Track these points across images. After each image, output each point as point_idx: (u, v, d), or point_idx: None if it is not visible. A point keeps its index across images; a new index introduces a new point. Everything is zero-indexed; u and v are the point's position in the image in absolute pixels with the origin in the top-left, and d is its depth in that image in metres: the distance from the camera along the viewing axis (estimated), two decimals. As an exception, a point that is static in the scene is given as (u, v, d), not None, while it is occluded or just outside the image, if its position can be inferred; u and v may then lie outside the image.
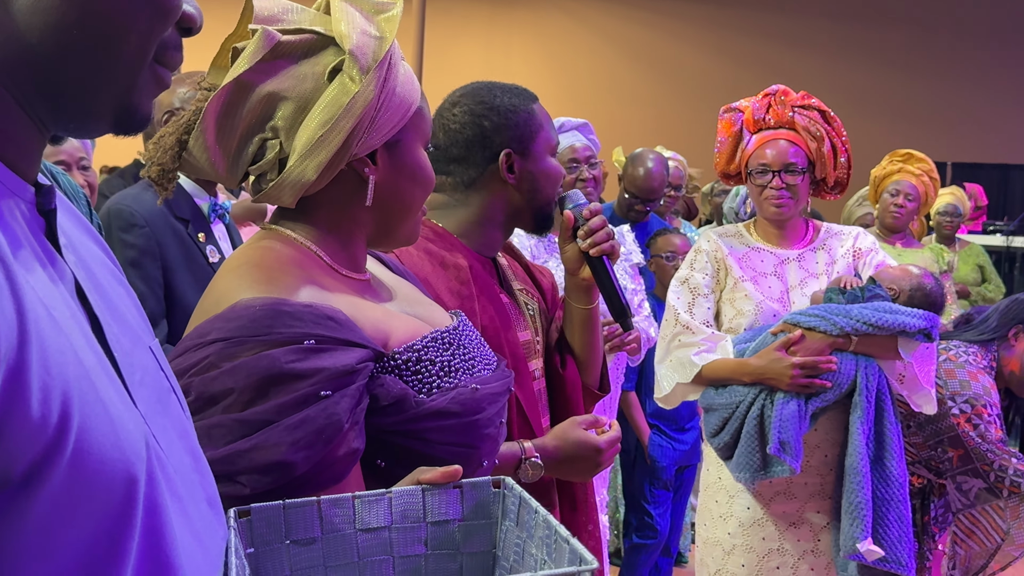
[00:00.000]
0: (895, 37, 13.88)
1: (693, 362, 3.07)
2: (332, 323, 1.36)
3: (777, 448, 2.87)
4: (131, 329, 0.97)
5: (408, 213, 1.58)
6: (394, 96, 1.47)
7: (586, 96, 13.86)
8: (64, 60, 0.83)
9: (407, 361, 1.45)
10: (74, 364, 0.77)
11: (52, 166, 2.49)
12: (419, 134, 1.56)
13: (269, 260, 1.46)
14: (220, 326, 1.33)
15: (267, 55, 1.41)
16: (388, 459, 1.43)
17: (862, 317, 2.92)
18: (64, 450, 0.73)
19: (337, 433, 1.30)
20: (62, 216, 0.95)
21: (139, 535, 0.81)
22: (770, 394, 2.96)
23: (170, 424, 0.97)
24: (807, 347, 2.94)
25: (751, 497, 3.11)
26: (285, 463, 1.25)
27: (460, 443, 1.44)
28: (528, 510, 1.11)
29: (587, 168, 3.92)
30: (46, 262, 0.84)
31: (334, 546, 1.17)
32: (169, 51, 0.91)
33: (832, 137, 3.18)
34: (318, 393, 1.29)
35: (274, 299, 1.36)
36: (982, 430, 3.29)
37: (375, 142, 1.48)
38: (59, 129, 0.89)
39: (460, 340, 1.56)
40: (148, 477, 0.83)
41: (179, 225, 2.97)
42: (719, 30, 14.24)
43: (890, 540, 2.92)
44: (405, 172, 1.55)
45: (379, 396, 1.40)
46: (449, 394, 1.44)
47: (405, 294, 1.67)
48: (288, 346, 1.30)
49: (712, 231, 3.37)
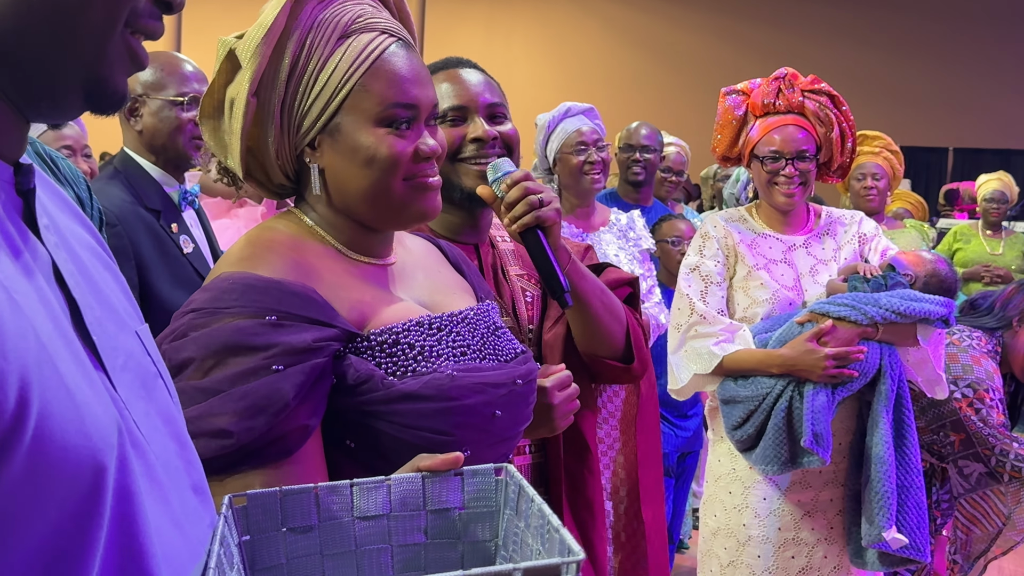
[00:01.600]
0: (896, 22, 13.85)
1: (713, 352, 3.02)
2: (297, 300, 1.38)
3: (811, 440, 2.83)
4: (115, 313, 0.95)
5: (376, 196, 1.51)
6: (306, 82, 1.46)
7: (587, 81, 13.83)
8: (26, 33, 0.81)
9: (383, 343, 1.44)
10: (35, 348, 0.75)
11: (53, 151, 2.46)
12: (362, 114, 1.48)
13: (263, 239, 1.51)
14: (199, 296, 1.41)
15: (226, 63, 1.48)
16: (357, 440, 1.43)
17: (890, 306, 2.90)
18: (23, 436, 0.72)
19: (283, 408, 1.31)
20: (45, 198, 0.93)
21: (108, 523, 0.79)
22: (798, 385, 2.92)
23: (155, 409, 0.95)
24: (838, 337, 2.91)
25: (768, 487, 3.08)
26: (226, 431, 1.28)
27: (432, 429, 1.41)
28: (525, 499, 1.09)
29: (595, 151, 3.90)
30: (17, 243, 0.82)
31: (331, 534, 1.14)
32: (142, 19, 0.88)
33: (840, 122, 3.15)
34: (270, 367, 1.32)
35: (247, 274, 1.41)
36: (984, 414, 3.28)
37: (308, 130, 1.49)
38: (32, 111, 0.86)
39: (457, 327, 1.53)
40: (119, 464, 0.81)
41: (150, 217, 2.89)
42: (720, 15, 14.20)
43: (910, 526, 2.91)
44: (347, 156, 1.50)
45: (346, 375, 1.41)
46: (422, 378, 1.43)
47: (436, 282, 1.67)
48: (250, 319, 1.35)
49: (718, 216, 3.32)
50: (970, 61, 13.72)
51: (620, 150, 4.76)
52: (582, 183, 3.92)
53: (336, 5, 1.48)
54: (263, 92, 1.46)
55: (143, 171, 2.98)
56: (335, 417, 1.42)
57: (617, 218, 4.09)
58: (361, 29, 1.48)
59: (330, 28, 1.46)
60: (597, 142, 3.94)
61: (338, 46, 1.46)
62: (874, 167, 5.10)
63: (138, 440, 0.87)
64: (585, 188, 3.94)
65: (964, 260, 6.82)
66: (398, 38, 1.52)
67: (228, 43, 1.47)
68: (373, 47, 1.48)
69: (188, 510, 0.94)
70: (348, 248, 1.55)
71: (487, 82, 2.09)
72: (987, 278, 6.63)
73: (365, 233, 1.56)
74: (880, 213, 5.23)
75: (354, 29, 1.48)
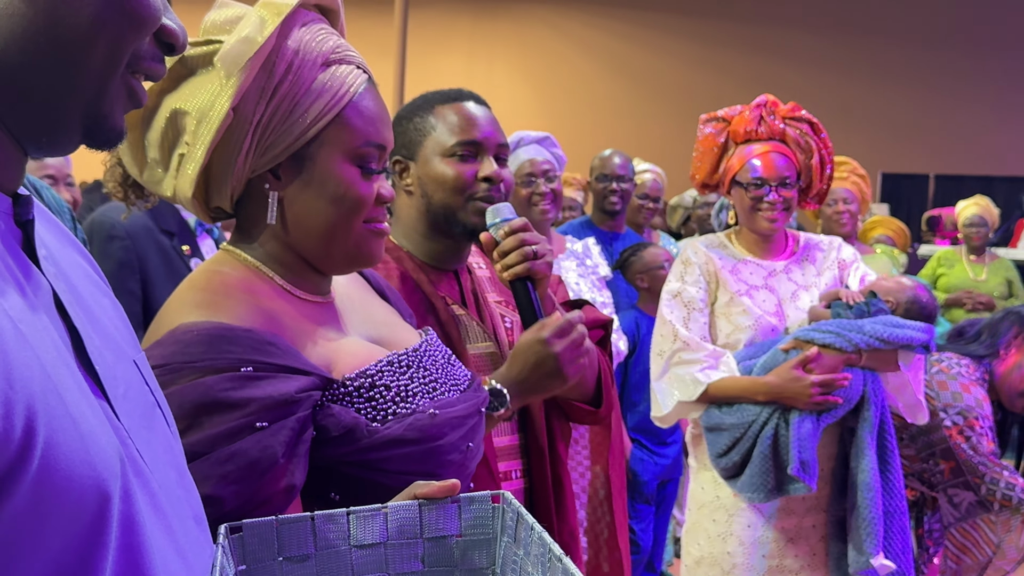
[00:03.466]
0: (876, 49, 13.94)
1: (698, 379, 3.01)
2: (273, 348, 1.31)
3: (798, 469, 2.83)
4: (115, 342, 0.95)
5: (334, 235, 1.45)
6: (286, 104, 1.40)
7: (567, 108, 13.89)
8: (29, 68, 0.81)
9: (359, 388, 1.38)
10: (41, 378, 0.75)
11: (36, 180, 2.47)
12: (339, 147, 1.42)
13: (215, 283, 1.42)
14: (157, 352, 1.29)
15: (174, 70, 1.40)
16: (342, 491, 1.37)
17: (874, 332, 2.91)
18: (29, 466, 0.72)
19: (272, 466, 1.24)
20: (43, 228, 0.93)
21: (114, 553, 0.79)
22: (784, 413, 2.92)
23: (155, 439, 0.95)
24: (824, 364, 2.92)
25: (752, 515, 3.06)
26: (211, 497, 1.18)
27: (419, 471, 1.34)
28: (524, 526, 1.09)
29: (544, 182, 3.90)
30: (19, 275, 0.82)
31: (328, 563, 1.14)
32: (144, 61, 0.89)
33: (820, 149, 3.16)
34: (253, 424, 1.24)
35: (212, 323, 1.31)
36: (974, 442, 3.29)
37: (275, 155, 1.41)
38: (31, 144, 0.87)
39: (421, 361, 1.49)
40: (124, 493, 0.81)
41: (163, 238, 2.96)
42: (700, 43, 14.28)
43: (895, 552, 2.91)
44: (314, 188, 1.43)
45: (328, 426, 1.34)
46: (405, 421, 1.37)
47: (371, 315, 1.61)
48: (223, 373, 1.26)
49: (698, 241, 3.32)
50: (951, 88, 13.81)
51: (595, 179, 4.78)
52: (531, 214, 3.90)
53: (315, 30, 1.43)
54: (242, 108, 1.38)
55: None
56: (317, 469, 1.35)
57: (572, 246, 4.10)
58: (341, 60, 1.44)
59: (313, 54, 1.41)
60: (547, 172, 3.92)
61: (320, 72, 1.41)
62: (844, 192, 5.13)
63: (141, 469, 0.87)
64: (535, 219, 3.91)
65: (948, 285, 6.85)
66: (368, 76, 1.49)
67: None
68: (352, 80, 1.44)
69: (190, 539, 0.94)
70: (295, 287, 1.47)
71: (495, 121, 2.08)
72: (969, 304, 6.66)
73: (310, 270, 1.49)
74: (853, 237, 5.27)
75: (334, 59, 1.43)
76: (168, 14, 0.89)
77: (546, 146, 4.00)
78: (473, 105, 2.06)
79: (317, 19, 1.46)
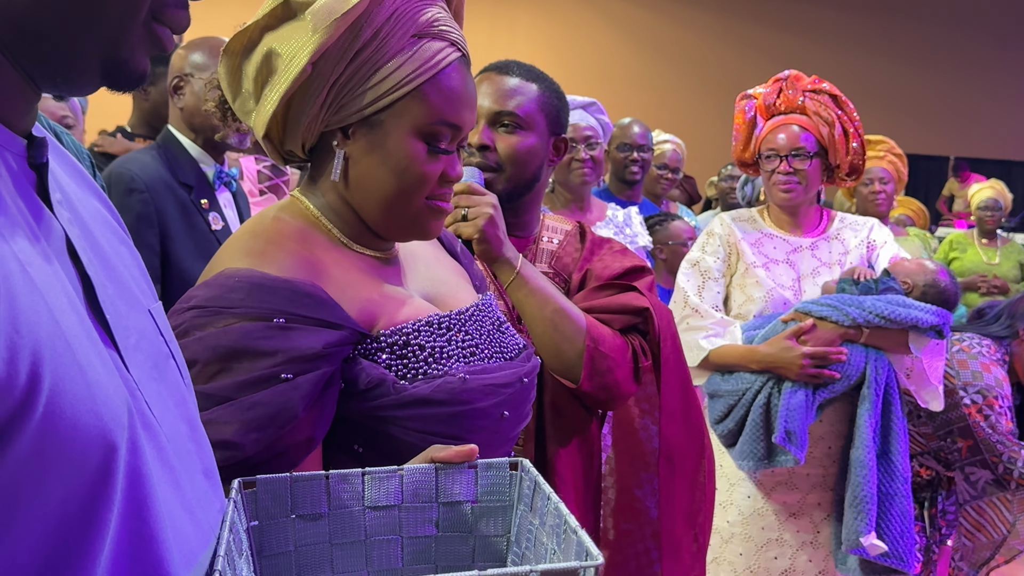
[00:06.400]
0: (901, 30, 13.84)
1: (701, 346, 3.04)
2: (309, 300, 1.32)
3: (783, 438, 2.84)
4: (129, 291, 0.93)
5: (392, 204, 1.46)
6: (366, 69, 1.40)
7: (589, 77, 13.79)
8: (42, 7, 0.79)
9: (393, 344, 1.40)
10: (48, 324, 0.73)
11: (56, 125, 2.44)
12: (410, 120, 1.43)
13: (270, 231, 1.45)
14: (201, 293, 1.33)
15: (278, 9, 1.40)
16: (365, 445, 1.38)
17: (874, 309, 2.89)
18: (33, 413, 0.70)
19: (291, 420, 1.26)
20: (60, 171, 0.91)
21: (120, 505, 0.77)
22: (778, 383, 2.94)
23: (166, 391, 0.93)
24: (818, 337, 2.92)
25: (752, 486, 3.08)
26: (231, 443, 1.22)
27: (444, 434, 1.36)
28: (542, 496, 1.07)
29: (584, 148, 3.87)
30: (30, 218, 0.80)
31: (341, 523, 1.13)
32: (168, 8, 0.86)
33: (844, 122, 3.15)
34: (278, 375, 1.26)
35: (254, 272, 1.34)
36: (993, 421, 3.28)
37: (347, 115, 1.42)
38: (47, 83, 0.84)
39: (464, 325, 1.50)
40: (131, 445, 0.79)
41: (182, 191, 2.97)
42: (725, 16, 14.17)
43: (892, 535, 2.90)
44: (378, 155, 1.44)
45: (357, 379, 1.36)
46: (434, 382, 1.38)
47: (433, 274, 1.63)
48: (257, 321, 1.28)
49: (726, 215, 3.34)
50: (973, 71, 13.72)
51: (615, 148, 4.73)
52: (570, 179, 3.92)
53: (415, 1, 1.42)
54: (321, 64, 1.38)
55: (182, 148, 3.06)
56: (343, 421, 1.37)
57: (614, 214, 4.07)
58: (434, 35, 1.43)
59: (406, 24, 1.40)
60: (589, 139, 3.89)
61: (409, 45, 1.40)
62: (880, 171, 5.08)
63: (149, 422, 0.85)
64: (574, 183, 3.93)
65: (961, 269, 6.80)
66: (462, 53, 1.48)
67: None
68: (441, 57, 1.43)
69: (199, 494, 0.92)
70: (353, 240, 1.50)
71: (507, 89, 2.12)
72: (984, 288, 6.62)
73: (367, 230, 1.51)
74: (886, 218, 5.22)
75: (427, 32, 1.42)
76: None
77: (592, 112, 3.97)
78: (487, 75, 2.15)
79: None
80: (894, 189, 5.18)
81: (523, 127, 2.12)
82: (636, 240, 3.98)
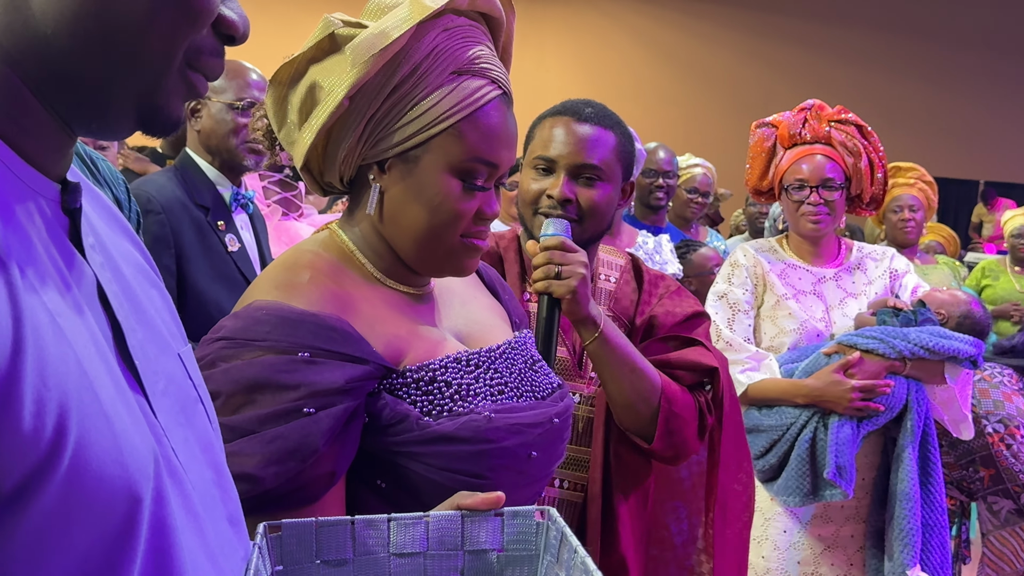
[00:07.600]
0: (931, 52, 13.79)
1: (739, 380, 3.00)
2: (334, 334, 1.32)
3: (835, 473, 2.82)
4: (159, 335, 0.93)
5: (425, 240, 1.46)
6: (403, 105, 1.40)
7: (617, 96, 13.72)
8: (79, 54, 0.79)
9: (419, 380, 1.39)
10: (76, 375, 0.73)
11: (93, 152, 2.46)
12: (444, 157, 1.42)
13: (302, 263, 1.45)
14: (229, 324, 1.34)
15: (324, 42, 1.41)
16: (388, 480, 1.38)
17: (919, 341, 2.88)
18: (59, 465, 0.70)
19: (312, 454, 1.26)
20: (93, 214, 0.91)
21: (143, 556, 0.77)
22: (823, 417, 2.91)
23: (193, 436, 0.93)
24: (865, 370, 2.90)
25: (788, 520, 3.05)
26: (252, 476, 1.23)
27: (468, 472, 1.35)
28: (568, 547, 1.06)
29: None
30: (62, 265, 0.80)
31: (366, 569, 1.12)
32: (204, 56, 0.86)
33: (869, 152, 3.14)
34: (301, 409, 1.26)
35: (281, 305, 1.34)
36: (1015, 450, 3.26)
37: (384, 149, 1.43)
38: (82, 128, 0.84)
39: (494, 363, 1.49)
40: (156, 495, 0.79)
41: (198, 213, 2.98)
42: (754, 36, 14.15)
43: (933, 566, 2.88)
44: (413, 191, 1.44)
45: (380, 414, 1.35)
46: (459, 419, 1.37)
47: (469, 310, 1.62)
48: (282, 355, 1.29)
49: (748, 245, 3.31)
50: (1004, 94, 13.65)
51: (641, 174, 4.71)
52: None
53: (458, 37, 1.42)
54: (359, 98, 1.39)
55: (199, 170, 3.08)
56: (366, 456, 1.37)
57: (644, 241, 4.06)
58: (475, 72, 1.43)
59: (446, 60, 1.40)
60: None
61: (448, 82, 1.41)
62: (910, 199, 5.05)
63: (175, 469, 0.85)
64: None
65: (993, 297, 6.74)
66: (504, 91, 1.47)
67: (332, 24, 1.41)
68: (480, 95, 1.43)
69: (223, 541, 0.92)
70: (387, 275, 1.50)
71: (587, 139, 2.10)
72: (1016, 316, 6.56)
73: (402, 264, 1.51)
74: (915, 246, 5.18)
75: (468, 70, 1.42)
76: (228, 2, 0.86)
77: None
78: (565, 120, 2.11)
79: (467, 25, 1.46)
80: (924, 217, 5.14)
81: (603, 179, 2.10)
82: (666, 267, 3.97)
